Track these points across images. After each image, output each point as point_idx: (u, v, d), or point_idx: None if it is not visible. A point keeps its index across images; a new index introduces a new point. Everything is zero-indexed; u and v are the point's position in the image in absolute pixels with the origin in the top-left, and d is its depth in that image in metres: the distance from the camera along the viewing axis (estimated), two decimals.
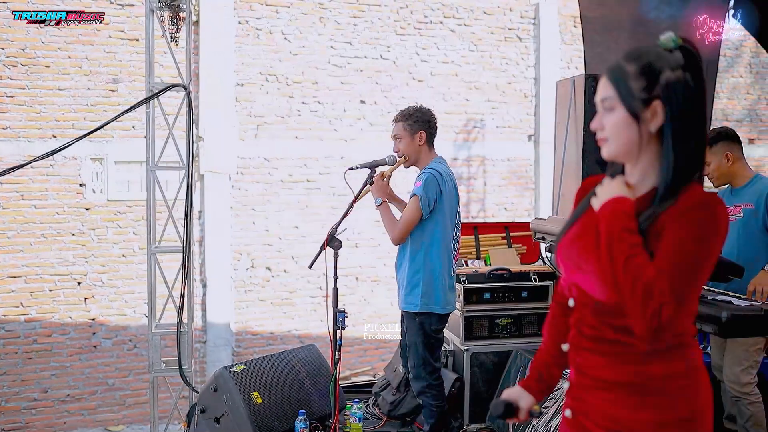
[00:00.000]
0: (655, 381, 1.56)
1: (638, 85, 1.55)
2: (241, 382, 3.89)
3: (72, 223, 7.56)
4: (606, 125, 1.59)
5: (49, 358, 7.56)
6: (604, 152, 1.62)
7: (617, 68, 1.58)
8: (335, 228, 3.55)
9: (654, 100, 1.54)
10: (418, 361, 3.68)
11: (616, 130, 1.57)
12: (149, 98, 4.77)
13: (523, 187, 9.40)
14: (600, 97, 1.61)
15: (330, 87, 8.41)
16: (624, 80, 1.56)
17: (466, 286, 4.34)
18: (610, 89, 1.58)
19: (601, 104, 1.60)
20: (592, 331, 1.64)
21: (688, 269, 1.48)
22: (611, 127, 1.58)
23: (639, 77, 1.55)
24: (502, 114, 9.20)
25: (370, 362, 8.78)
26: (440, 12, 8.85)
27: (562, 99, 4.77)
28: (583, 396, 1.66)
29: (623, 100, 1.56)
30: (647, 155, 1.59)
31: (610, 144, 1.60)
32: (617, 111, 1.57)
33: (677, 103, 1.53)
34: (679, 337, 1.57)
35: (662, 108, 1.54)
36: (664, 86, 1.53)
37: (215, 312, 8.08)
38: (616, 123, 1.57)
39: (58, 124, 7.46)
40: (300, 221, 8.37)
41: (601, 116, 1.61)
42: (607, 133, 1.59)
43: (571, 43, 9.39)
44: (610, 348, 1.60)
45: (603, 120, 1.60)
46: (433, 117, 3.76)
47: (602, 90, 1.60)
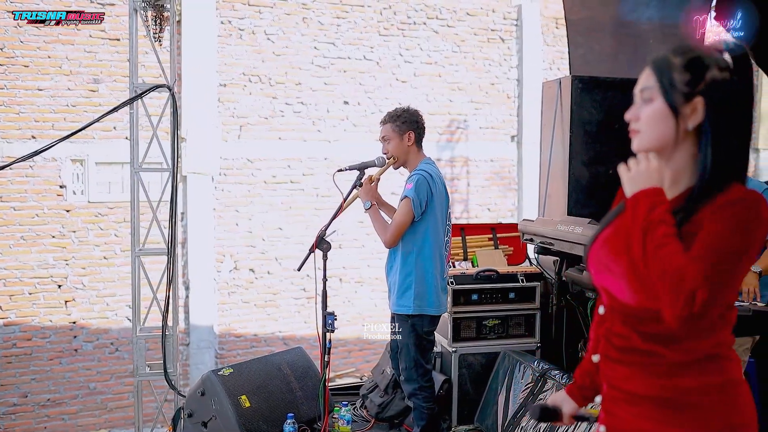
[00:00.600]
0: (687, 395, 1.48)
1: (682, 78, 1.48)
2: (228, 386, 3.86)
3: (52, 225, 7.46)
4: (641, 116, 1.53)
5: (28, 362, 7.45)
6: (635, 144, 1.55)
7: (663, 59, 1.52)
8: (324, 230, 3.53)
9: (696, 96, 1.47)
10: (410, 363, 3.67)
11: (652, 122, 1.51)
12: (133, 99, 4.72)
13: (506, 187, 9.43)
14: (640, 87, 1.55)
15: (313, 87, 8.38)
16: (668, 71, 1.50)
17: (454, 287, 4.34)
18: (652, 79, 1.52)
19: (640, 94, 1.54)
20: (621, 340, 1.56)
21: (724, 258, 1.40)
22: (647, 119, 1.52)
23: (684, 71, 1.49)
24: (485, 115, 9.22)
25: (354, 364, 8.75)
26: (423, 13, 8.85)
27: (548, 100, 4.78)
28: (614, 410, 1.59)
29: (664, 91, 1.50)
30: (681, 154, 1.53)
31: (643, 136, 1.53)
32: (656, 102, 1.51)
33: (720, 102, 1.47)
34: (715, 347, 1.49)
35: (703, 105, 1.47)
36: (709, 83, 1.47)
37: (198, 314, 8.01)
38: (653, 114, 1.51)
39: (37, 124, 7.36)
40: (283, 222, 8.32)
41: (637, 107, 1.55)
42: (642, 125, 1.53)
43: (553, 44, 9.44)
44: (639, 359, 1.53)
45: (639, 111, 1.54)
46: (420, 118, 3.76)
47: (643, 80, 1.55)
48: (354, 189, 3.69)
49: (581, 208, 4.42)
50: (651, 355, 1.51)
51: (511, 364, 4.17)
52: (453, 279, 4.37)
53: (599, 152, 4.52)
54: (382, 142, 3.75)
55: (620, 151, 4.57)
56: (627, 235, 1.51)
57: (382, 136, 3.75)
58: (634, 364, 1.53)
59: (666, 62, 1.51)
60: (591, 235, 1.68)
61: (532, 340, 4.45)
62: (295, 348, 4.47)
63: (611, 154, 4.55)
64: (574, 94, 4.47)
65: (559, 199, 4.59)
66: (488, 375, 4.33)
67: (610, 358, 1.59)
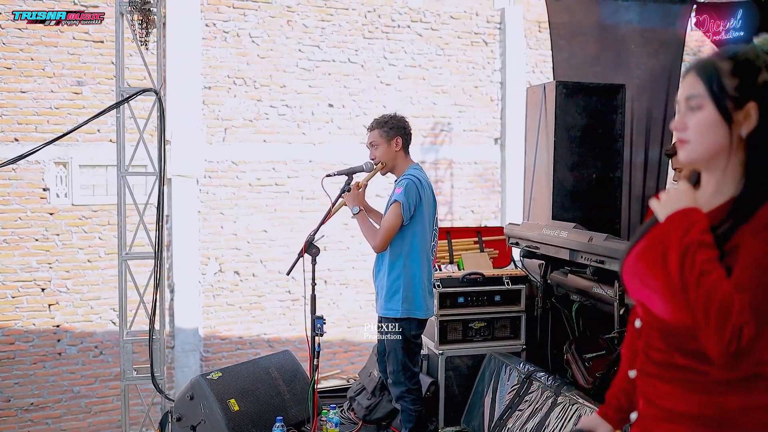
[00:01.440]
0: (731, 414, 1.38)
1: (732, 83, 1.39)
2: (217, 390, 3.88)
3: (35, 228, 7.42)
4: (690, 125, 1.43)
5: (11, 367, 7.40)
6: (684, 155, 1.45)
7: (709, 64, 1.43)
8: (313, 235, 3.56)
9: (749, 101, 1.38)
10: (397, 366, 3.70)
11: (703, 132, 1.41)
12: (120, 103, 4.71)
13: (490, 189, 9.50)
14: (685, 94, 1.44)
15: (298, 90, 8.39)
16: (717, 77, 1.40)
17: (440, 290, 4.37)
18: (700, 86, 1.42)
19: (686, 102, 1.44)
20: (661, 355, 1.47)
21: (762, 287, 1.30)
22: (697, 128, 1.42)
23: (734, 75, 1.39)
24: (469, 117, 9.29)
25: (339, 365, 8.77)
26: (408, 16, 8.90)
27: (533, 105, 4.84)
28: (651, 428, 1.51)
29: (715, 98, 1.40)
30: (732, 164, 1.43)
31: (694, 146, 1.43)
32: (706, 110, 1.41)
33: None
34: (761, 365, 1.37)
35: (756, 110, 1.38)
36: (762, 87, 1.38)
37: (183, 317, 8.00)
38: (704, 123, 1.41)
39: (20, 127, 7.31)
40: (268, 225, 8.33)
41: (684, 115, 1.44)
42: (691, 135, 1.43)
43: (536, 47, 9.53)
44: (680, 375, 1.43)
45: (687, 119, 1.43)
46: (407, 124, 3.79)
47: (689, 87, 1.44)
48: (342, 194, 3.71)
49: (565, 212, 4.49)
50: (692, 371, 1.42)
51: (497, 366, 4.21)
52: (439, 282, 4.40)
53: (583, 157, 4.60)
54: (370, 147, 3.78)
55: (603, 156, 4.66)
56: (663, 248, 1.41)
57: (369, 141, 3.79)
58: (674, 381, 1.45)
59: (713, 67, 1.42)
60: (625, 248, 1.59)
61: (518, 342, 4.50)
62: (283, 351, 4.48)
63: (595, 158, 4.64)
64: (559, 99, 4.55)
65: (543, 202, 4.65)
66: (474, 377, 4.37)
67: (649, 373, 1.51)
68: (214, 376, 3.97)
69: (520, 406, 3.86)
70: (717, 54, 1.45)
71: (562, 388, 3.62)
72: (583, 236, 3.51)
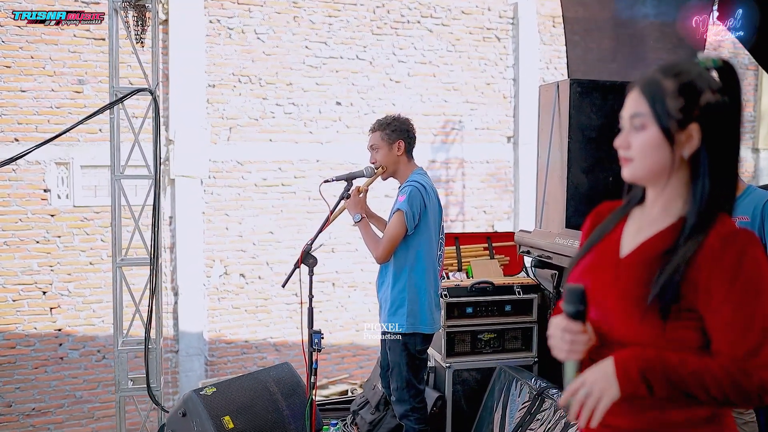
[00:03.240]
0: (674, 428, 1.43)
1: (676, 104, 1.40)
2: (211, 406, 3.68)
3: (36, 230, 7.26)
4: (633, 144, 1.43)
5: (13, 371, 7.27)
6: (627, 173, 1.47)
7: (653, 83, 1.43)
8: (310, 244, 3.35)
9: (691, 122, 1.40)
10: (401, 383, 3.49)
11: (646, 151, 1.42)
12: (113, 103, 4.53)
13: (503, 189, 9.25)
14: (630, 112, 1.45)
15: (305, 88, 8.18)
16: (661, 97, 1.41)
17: (447, 300, 4.16)
18: (644, 105, 1.42)
19: (630, 121, 1.44)
20: None
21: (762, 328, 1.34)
22: (640, 147, 1.43)
23: (678, 96, 1.40)
24: (481, 115, 9.04)
25: (348, 369, 8.59)
26: (417, 11, 8.66)
27: (546, 105, 4.60)
28: None
29: (658, 119, 1.40)
30: (675, 181, 1.45)
31: (636, 165, 1.44)
32: (649, 130, 1.42)
33: (716, 127, 1.40)
34: None
35: (699, 132, 1.40)
36: (704, 108, 1.40)
37: (187, 321, 7.83)
38: (647, 143, 1.42)
39: (20, 127, 7.15)
40: (275, 226, 8.14)
41: (627, 134, 1.45)
42: (634, 153, 1.44)
43: (550, 43, 9.27)
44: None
45: (630, 138, 1.44)
46: (411, 126, 3.57)
47: (633, 105, 1.44)
48: (341, 201, 3.50)
49: (580, 218, 4.24)
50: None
51: (507, 381, 3.99)
52: (446, 291, 4.19)
53: (599, 159, 4.35)
54: (371, 150, 3.56)
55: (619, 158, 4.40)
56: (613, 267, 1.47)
57: (370, 144, 3.57)
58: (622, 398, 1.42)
59: (657, 87, 1.42)
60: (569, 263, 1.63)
61: (529, 354, 4.28)
62: (283, 364, 4.28)
63: (612, 160, 4.38)
64: (573, 98, 4.30)
65: (557, 207, 4.42)
66: (483, 391, 4.16)
67: None
68: (208, 391, 3.77)
69: (531, 425, 3.63)
70: (661, 70, 1.44)
71: None
72: None
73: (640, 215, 1.53)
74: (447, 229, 8.73)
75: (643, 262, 1.43)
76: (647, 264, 1.42)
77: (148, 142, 4.68)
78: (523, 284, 4.34)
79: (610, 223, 1.58)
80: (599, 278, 1.48)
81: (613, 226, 1.56)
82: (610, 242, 1.53)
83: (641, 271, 1.42)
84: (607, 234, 1.56)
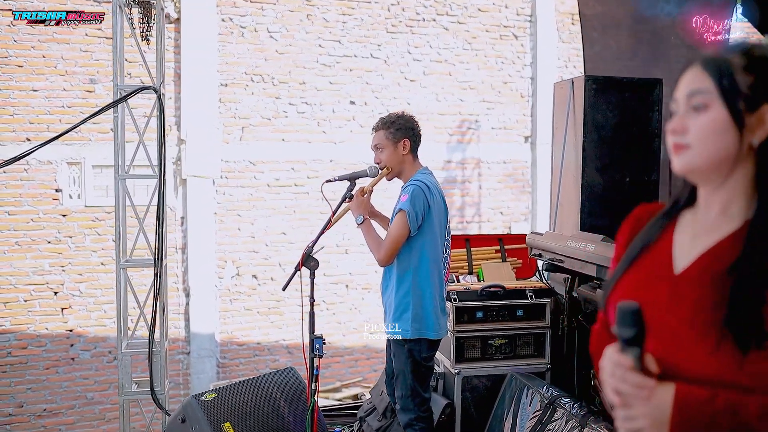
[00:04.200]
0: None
1: (747, 80, 1.16)
2: (211, 412, 3.58)
3: (48, 230, 7.23)
4: (692, 128, 1.19)
5: (24, 371, 7.24)
6: (681, 163, 1.21)
7: (719, 57, 1.19)
8: (311, 246, 3.24)
9: (764, 103, 1.16)
10: (406, 391, 3.36)
11: (708, 136, 1.18)
12: (118, 101, 4.45)
13: (520, 190, 9.08)
14: (687, 90, 1.21)
15: (318, 87, 8.08)
16: (729, 72, 1.17)
17: (456, 304, 4.03)
18: (707, 81, 1.18)
19: (687, 100, 1.20)
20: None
21: None
22: (700, 131, 1.18)
23: (748, 72, 1.17)
24: (498, 114, 8.88)
25: (361, 372, 8.47)
26: (433, 9, 8.52)
27: (560, 102, 4.46)
28: None
29: (725, 96, 1.17)
30: (737, 176, 1.20)
31: (694, 153, 1.19)
32: (712, 111, 1.18)
33: None
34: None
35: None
36: None
37: (199, 322, 7.76)
38: (710, 126, 1.17)
39: (32, 126, 7.12)
40: (287, 227, 8.04)
41: (684, 116, 1.20)
42: (692, 139, 1.19)
43: (569, 41, 9.08)
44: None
45: (687, 121, 1.20)
46: (416, 124, 3.44)
47: (692, 82, 1.21)
48: (344, 201, 3.38)
49: (595, 220, 4.10)
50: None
51: (518, 388, 3.85)
52: (456, 295, 4.06)
53: (615, 158, 4.19)
54: (375, 150, 3.44)
55: (638, 157, 4.23)
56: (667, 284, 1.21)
57: (374, 144, 3.45)
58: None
59: (724, 60, 1.18)
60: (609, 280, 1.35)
61: (542, 361, 4.12)
62: (287, 369, 4.17)
63: (629, 160, 4.22)
64: (588, 95, 4.16)
65: (571, 208, 4.27)
66: (494, 399, 4.02)
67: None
68: (208, 396, 3.67)
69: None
70: (726, 48, 1.21)
71: (589, 418, 3.25)
72: (612, 250, 3.11)
73: (692, 220, 1.27)
74: (463, 231, 8.59)
75: (707, 280, 1.17)
76: (711, 282, 1.16)
77: (155, 141, 4.60)
78: (535, 288, 4.19)
79: (655, 231, 1.31)
80: (650, 299, 1.20)
81: (659, 234, 1.30)
82: (659, 254, 1.26)
83: (706, 291, 1.15)
84: (653, 244, 1.29)
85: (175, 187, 7.64)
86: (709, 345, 1.12)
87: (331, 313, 8.25)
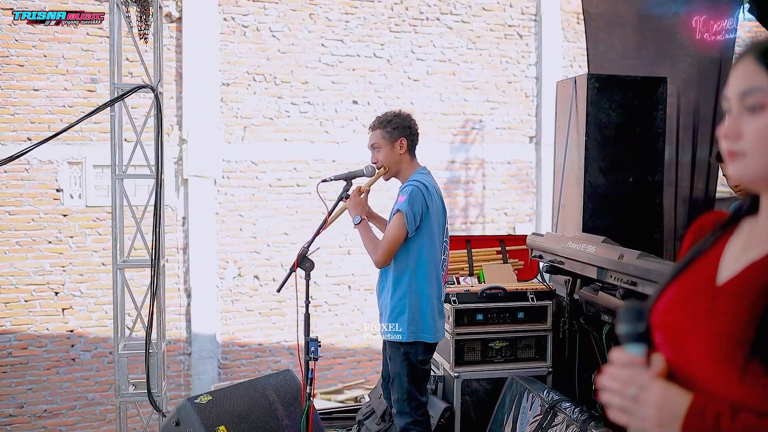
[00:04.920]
0: None
1: None
2: (205, 416, 3.53)
3: (48, 230, 7.20)
4: (747, 132, 1.04)
5: (24, 372, 7.21)
6: (737, 172, 1.06)
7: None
8: (306, 247, 3.19)
9: None
10: (402, 395, 3.30)
11: (766, 141, 1.03)
12: (115, 100, 4.41)
13: (524, 191, 9.01)
14: (741, 89, 1.05)
15: (321, 87, 8.03)
16: None
17: (456, 306, 3.96)
18: (763, 77, 1.02)
19: (741, 100, 1.05)
20: None
21: None
22: (757, 136, 1.03)
23: None
24: (502, 114, 8.81)
25: (364, 374, 8.41)
26: (437, 8, 8.45)
27: (563, 101, 4.39)
28: None
29: None
30: None
31: (751, 161, 1.04)
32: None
33: None
34: None
35: None
36: None
37: (200, 323, 7.71)
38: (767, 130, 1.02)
39: (33, 126, 7.10)
40: (289, 227, 7.99)
41: (737, 119, 1.06)
42: (748, 145, 1.04)
43: (575, 40, 9.00)
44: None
45: (741, 124, 1.05)
46: (413, 123, 3.38)
47: (746, 79, 1.04)
48: (341, 201, 3.33)
49: (598, 220, 4.03)
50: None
51: (519, 392, 3.78)
52: (456, 297, 4.00)
53: (618, 158, 4.12)
54: (371, 149, 3.38)
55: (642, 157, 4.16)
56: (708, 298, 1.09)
57: (371, 143, 3.39)
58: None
59: None
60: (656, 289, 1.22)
61: (543, 364, 4.05)
62: (284, 371, 4.12)
63: (632, 160, 4.15)
64: (591, 93, 4.09)
65: (573, 208, 4.20)
66: (494, 402, 3.95)
67: None
68: (203, 399, 3.62)
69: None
70: None
71: (590, 423, 3.18)
72: (614, 252, 3.05)
73: (749, 230, 1.14)
74: (466, 232, 8.49)
75: (746, 294, 1.04)
76: (750, 296, 1.03)
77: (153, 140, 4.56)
78: (537, 290, 4.13)
79: (710, 240, 1.18)
80: (690, 311, 1.11)
81: (713, 242, 1.17)
82: (707, 264, 1.14)
83: (743, 306, 1.03)
84: (705, 252, 1.17)
85: (176, 187, 7.60)
86: (734, 367, 1.02)
87: (333, 314, 8.20)
